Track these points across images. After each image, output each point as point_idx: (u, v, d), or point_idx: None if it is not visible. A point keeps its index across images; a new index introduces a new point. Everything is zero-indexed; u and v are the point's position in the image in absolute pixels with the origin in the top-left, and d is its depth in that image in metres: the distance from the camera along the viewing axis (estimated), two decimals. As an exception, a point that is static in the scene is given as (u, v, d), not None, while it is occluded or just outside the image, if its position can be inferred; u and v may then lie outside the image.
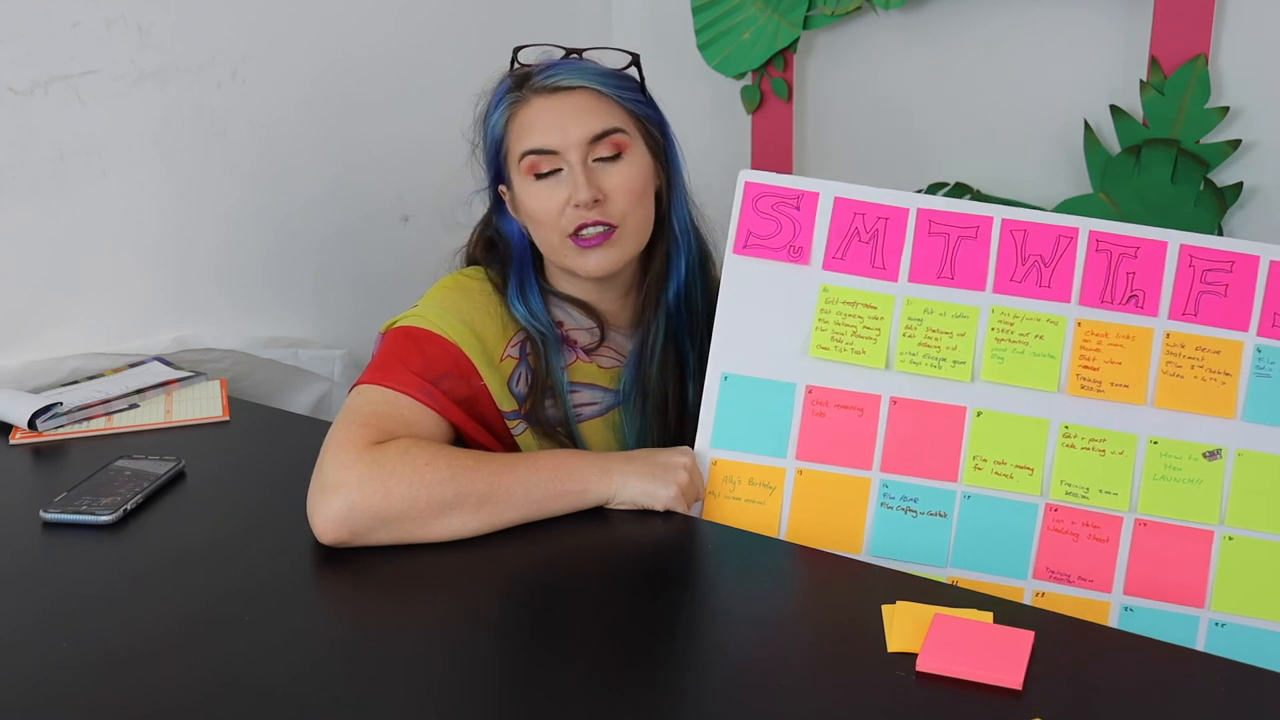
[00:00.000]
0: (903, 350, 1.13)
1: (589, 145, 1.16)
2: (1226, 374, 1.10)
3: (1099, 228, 1.13)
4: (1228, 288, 1.11)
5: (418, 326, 1.17)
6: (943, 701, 0.83)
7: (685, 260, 1.26)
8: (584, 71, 1.19)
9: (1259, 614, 1.06)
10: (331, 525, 1.01)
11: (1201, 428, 1.09)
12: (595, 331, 1.25)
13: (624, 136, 1.18)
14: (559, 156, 1.16)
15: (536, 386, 1.20)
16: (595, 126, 1.16)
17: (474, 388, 1.16)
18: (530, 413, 1.20)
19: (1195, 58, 1.70)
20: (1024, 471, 1.11)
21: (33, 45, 1.43)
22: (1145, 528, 1.09)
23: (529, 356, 1.21)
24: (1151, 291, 1.12)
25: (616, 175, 1.17)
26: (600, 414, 1.26)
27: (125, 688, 0.86)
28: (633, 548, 1.06)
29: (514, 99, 1.19)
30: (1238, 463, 1.08)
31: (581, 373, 1.25)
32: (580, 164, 1.16)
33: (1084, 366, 1.11)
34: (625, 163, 1.18)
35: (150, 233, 1.60)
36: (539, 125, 1.17)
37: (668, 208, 1.25)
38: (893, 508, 1.11)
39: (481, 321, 1.19)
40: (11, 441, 1.34)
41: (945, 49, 1.96)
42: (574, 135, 1.16)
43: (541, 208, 1.18)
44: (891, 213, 1.16)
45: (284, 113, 1.72)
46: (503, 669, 0.88)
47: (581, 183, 1.15)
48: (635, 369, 1.26)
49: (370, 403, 1.10)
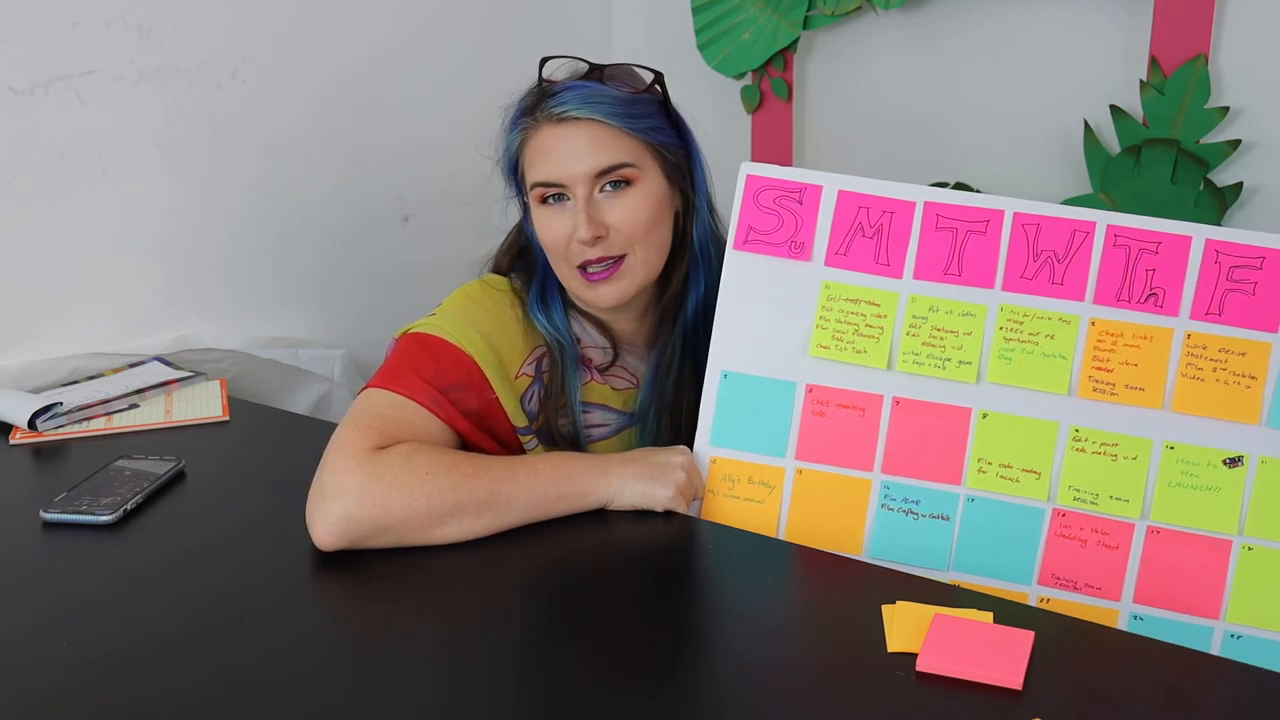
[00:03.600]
0: (906, 350, 1.11)
1: (594, 179, 1.14)
2: (1252, 377, 1.04)
3: (1118, 222, 1.08)
4: (1256, 285, 1.05)
5: (432, 334, 1.15)
6: (943, 701, 0.83)
7: (705, 277, 1.24)
8: (594, 102, 1.14)
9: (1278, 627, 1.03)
10: (330, 535, 1.01)
11: (1222, 433, 1.04)
12: (609, 351, 1.25)
13: (632, 170, 1.15)
14: (566, 188, 1.15)
15: (550, 400, 1.20)
16: (601, 161, 1.14)
17: (485, 400, 1.15)
18: (542, 429, 1.20)
19: (1195, 58, 1.70)
20: (1030, 475, 1.08)
21: (33, 45, 1.44)
22: (1158, 535, 1.05)
23: (544, 374, 1.20)
24: (1172, 290, 1.07)
25: (621, 208, 1.15)
26: (611, 435, 1.26)
27: (125, 688, 0.86)
28: (632, 548, 1.06)
29: (526, 124, 1.17)
30: (1260, 471, 1.04)
31: (595, 393, 1.24)
32: (585, 199, 1.14)
33: (1097, 368, 1.07)
34: (633, 194, 1.16)
35: (150, 233, 1.60)
36: (546, 156, 1.15)
37: (688, 228, 1.23)
38: (894, 509, 1.10)
39: (498, 336, 1.18)
40: (11, 441, 1.34)
41: (945, 49, 1.96)
42: (579, 169, 1.14)
43: (550, 236, 1.17)
44: (897, 206, 1.12)
45: (284, 112, 1.72)
46: (503, 669, 0.88)
47: (582, 221, 1.13)
48: (651, 388, 1.25)
49: (376, 406, 1.10)
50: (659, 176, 1.18)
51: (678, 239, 1.23)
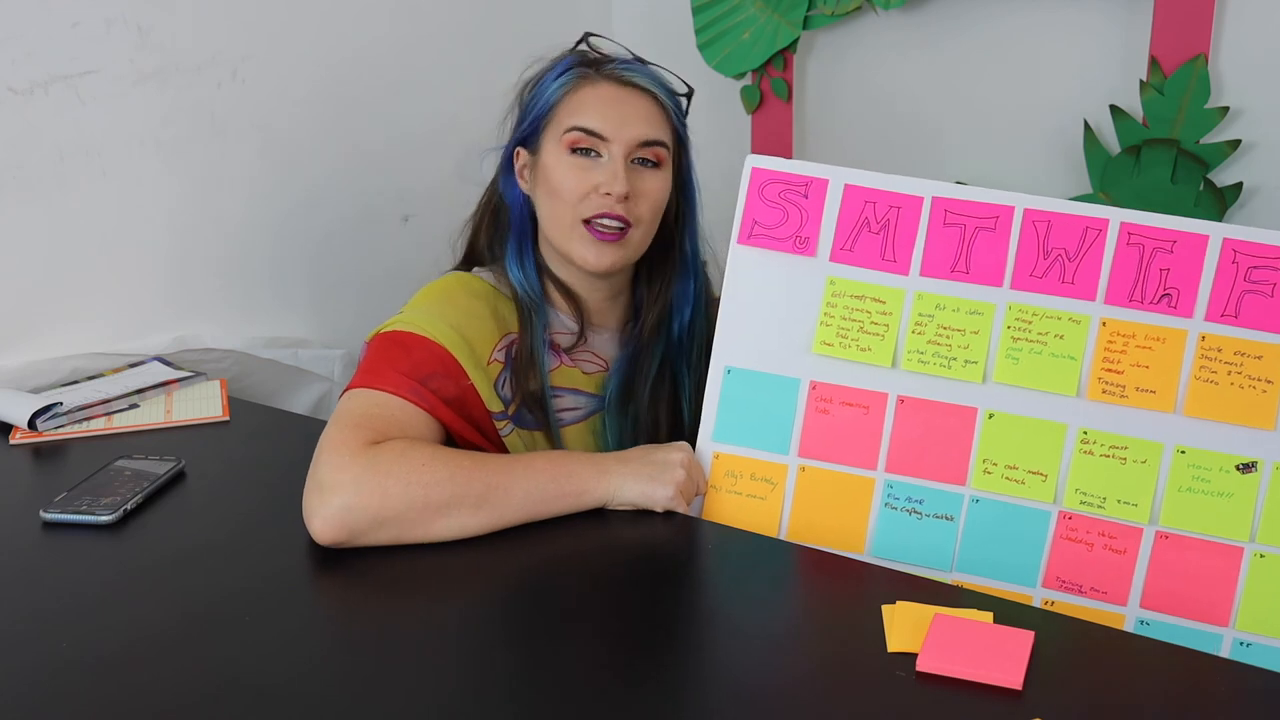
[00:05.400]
0: (911, 348, 1.10)
1: (637, 146, 1.21)
2: (1268, 381, 1.02)
3: (1132, 219, 1.06)
4: (1275, 286, 1.03)
5: (403, 330, 1.17)
6: (943, 701, 0.83)
7: (694, 290, 1.29)
8: (658, 80, 1.25)
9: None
10: (329, 526, 1.01)
11: (1235, 438, 1.03)
12: (575, 333, 1.27)
13: (664, 151, 1.23)
14: (606, 144, 1.20)
15: (520, 366, 1.21)
16: (649, 132, 1.21)
17: (462, 387, 1.16)
18: (518, 412, 1.21)
19: (1195, 58, 1.69)
20: (1037, 477, 1.07)
21: (33, 45, 1.43)
22: (1167, 540, 1.04)
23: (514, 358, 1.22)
24: (1187, 290, 1.05)
25: (651, 181, 1.22)
26: (582, 419, 1.28)
27: (125, 688, 0.86)
28: (632, 548, 1.06)
29: (583, 74, 1.23)
30: (1275, 477, 1.02)
31: (564, 377, 1.26)
32: (622, 158, 1.20)
33: (1107, 370, 1.06)
34: (658, 175, 1.23)
35: (150, 233, 1.60)
36: (601, 108, 1.21)
37: (680, 234, 1.29)
38: (897, 509, 1.09)
39: (467, 325, 1.20)
40: (11, 441, 1.34)
41: (945, 49, 1.96)
42: (629, 132, 1.20)
43: (568, 185, 1.20)
44: (904, 201, 1.11)
45: (284, 112, 1.72)
46: (502, 669, 0.88)
47: (621, 175, 1.19)
48: (620, 377, 1.27)
49: (361, 405, 1.10)
50: (670, 173, 1.25)
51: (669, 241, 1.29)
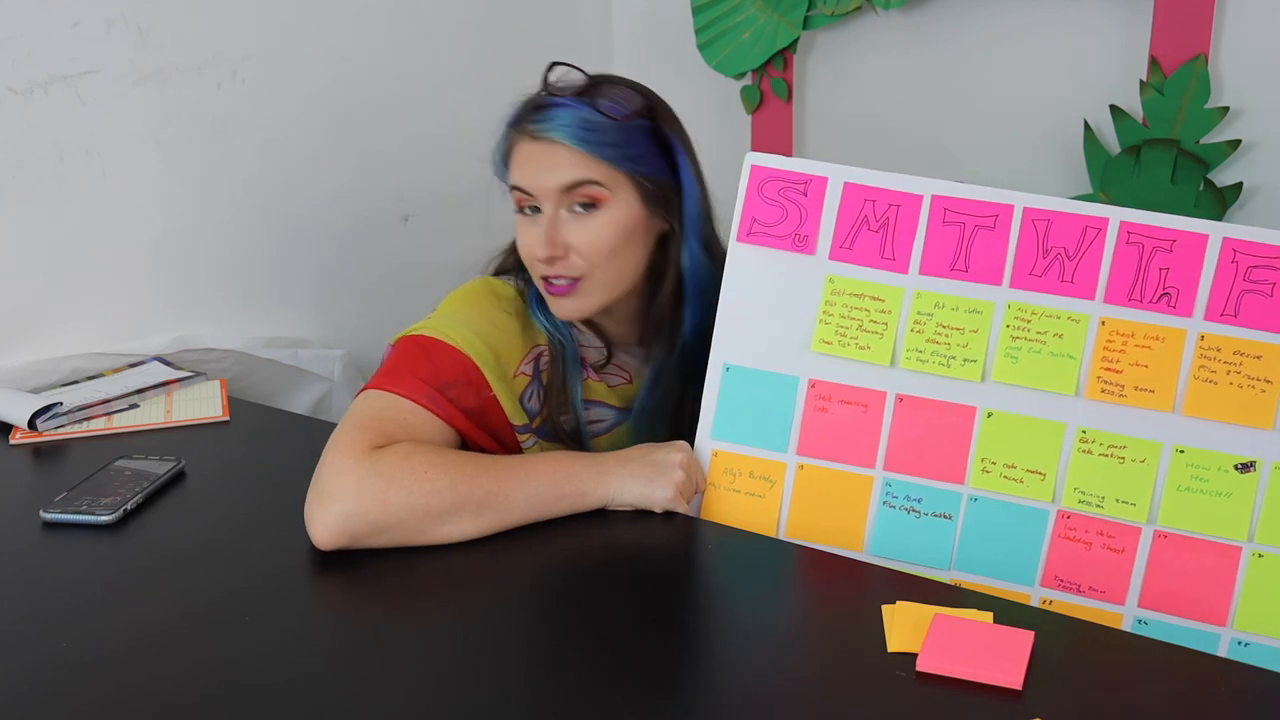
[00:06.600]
0: (910, 346, 1.10)
1: (560, 194, 1.15)
2: (1267, 381, 1.02)
3: (1131, 218, 1.06)
4: (1275, 286, 1.02)
5: (428, 336, 1.16)
6: (943, 701, 0.83)
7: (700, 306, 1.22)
8: (565, 125, 1.14)
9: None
10: (329, 533, 1.01)
11: (1234, 438, 1.02)
12: (603, 350, 1.26)
13: (598, 189, 1.14)
14: (537, 199, 1.16)
15: (551, 398, 1.20)
16: (565, 178, 1.14)
17: (483, 398, 1.15)
18: (543, 426, 1.20)
19: (1195, 58, 1.70)
20: (1035, 476, 1.07)
21: (33, 45, 1.43)
22: (1166, 540, 1.03)
23: (542, 373, 1.21)
24: (1186, 289, 1.04)
25: (585, 231, 1.15)
26: (609, 429, 1.27)
27: (125, 688, 0.86)
28: (632, 548, 1.06)
29: (516, 129, 1.19)
30: (1274, 477, 1.01)
31: (592, 391, 1.26)
32: (551, 214, 1.15)
33: (1106, 369, 1.05)
34: (599, 217, 1.15)
35: (150, 232, 1.60)
36: (525, 164, 1.17)
37: (678, 251, 1.22)
38: (895, 507, 1.09)
39: (495, 336, 1.18)
40: (11, 441, 1.34)
41: (945, 49, 1.96)
42: (546, 183, 1.15)
43: (523, 244, 1.19)
44: (904, 199, 1.11)
45: (284, 112, 1.72)
46: (502, 670, 0.88)
47: (541, 240, 1.15)
48: (648, 400, 1.26)
49: (373, 407, 1.10)
50: (633, 201, 1.17)
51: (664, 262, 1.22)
